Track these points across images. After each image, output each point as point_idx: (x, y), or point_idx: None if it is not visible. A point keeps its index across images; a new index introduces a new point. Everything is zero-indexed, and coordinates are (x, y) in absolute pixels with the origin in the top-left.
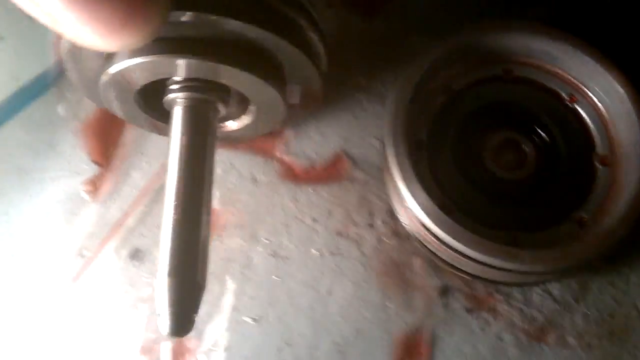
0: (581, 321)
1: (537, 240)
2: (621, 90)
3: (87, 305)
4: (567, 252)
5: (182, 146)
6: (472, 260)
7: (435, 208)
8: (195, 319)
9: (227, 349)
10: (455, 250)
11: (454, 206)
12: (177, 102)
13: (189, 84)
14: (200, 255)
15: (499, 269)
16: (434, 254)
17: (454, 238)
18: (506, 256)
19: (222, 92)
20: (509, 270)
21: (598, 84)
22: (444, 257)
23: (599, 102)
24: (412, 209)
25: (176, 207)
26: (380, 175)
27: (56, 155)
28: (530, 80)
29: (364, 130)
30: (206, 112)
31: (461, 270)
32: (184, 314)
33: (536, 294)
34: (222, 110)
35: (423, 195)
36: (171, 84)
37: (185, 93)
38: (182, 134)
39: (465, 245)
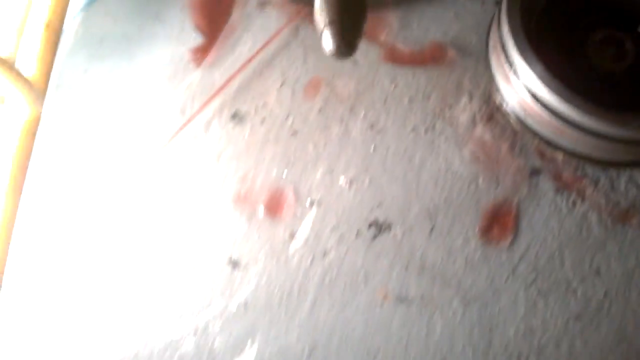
0: None
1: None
2: None
3: (185, 159)
4: None
5: None
6: (576, 129)
7: (549, 75)
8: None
9: (319, 205)
10: (563, 119)
11: None
12: None
13: None
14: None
15: (603, 137)
16: (534, 131)
17: (565, 102)
18: (615, 119)
19: None
20: (612, 140)
21: None
22: (544, 132)
23: None
24: (524, 77)
25: None
26: (477, 65)
27: (163, 26)
28: None
29: (464, 25)
30: None
31: (559, 146)
32: (349, 33)
33: (622, 182)
34: None
35: (537, 64)
36: None
37: None
38: None
39: (575, 110)
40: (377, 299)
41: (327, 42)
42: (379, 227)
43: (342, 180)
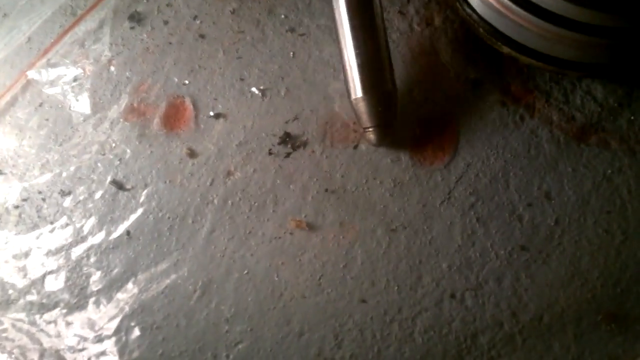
0: (625, 126)
1: None
2: None
3: (70, 65)
4: None
5: None
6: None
7: None
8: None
9: (225, 118)
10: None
11: None
12: None
13: None
14: (385, 63)
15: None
16: (493, 26)
17: None
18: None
19: None
20: (574, 29)
21: None
22: (495, 22)
23: None
24: None
25: (352, 25)
26: None
27: None
28: None
29: None
30: None
31: (515, 44)
32: (385, 124)
33: (578, 95)
34: None
35: None
36: None
37: None
38: None
39: None
40: (287, 226)
41: (372, 140)
42: (294, 144)
43: (254, 91)
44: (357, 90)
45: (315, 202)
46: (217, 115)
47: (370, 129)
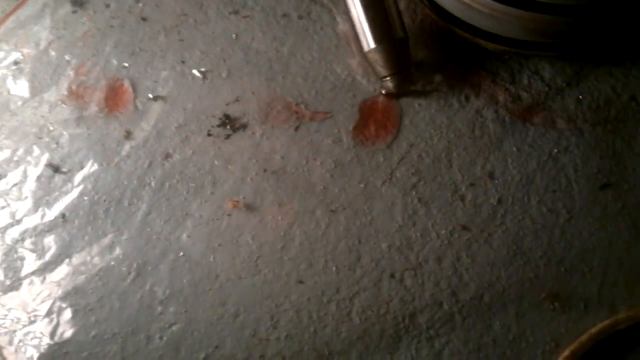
0: (573, 106)
1: None
2: None
3: (11, 48)
4: None
5: None
6: None
7: None
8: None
9: (165, 100)
10: None
11: None
12: None
13: None
14: (394, 13)
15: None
16: (440, 6)
17: None
18: None
19: None
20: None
21: None
22: (453, 6)
23: None
24: None
25: None
26: None
27: None
28: None
29: None
30: None
31: (462, 24)
32: (402, 70)
33: (525, 75)
34: None
35: None
36: None
37: None
38: None
39: None
40: (225, 207)
41: (391, 88)
42: (234, 125)
43: (195, 73)
44: (369, 42)
45: (254, 184)
46: (157, 98)
47: (388, 78)
